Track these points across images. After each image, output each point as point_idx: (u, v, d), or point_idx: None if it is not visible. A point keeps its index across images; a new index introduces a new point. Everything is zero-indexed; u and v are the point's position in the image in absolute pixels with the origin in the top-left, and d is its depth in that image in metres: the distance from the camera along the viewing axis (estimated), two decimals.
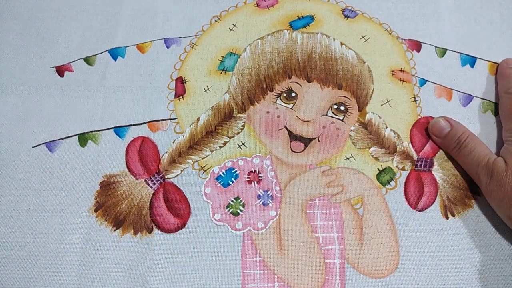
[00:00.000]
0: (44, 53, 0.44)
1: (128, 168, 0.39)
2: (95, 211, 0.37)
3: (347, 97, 0.42)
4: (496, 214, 0.36)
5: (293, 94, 0.42)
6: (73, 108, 0.42)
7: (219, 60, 0.44)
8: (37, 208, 0.37)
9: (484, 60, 0.45)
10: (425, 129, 0.41)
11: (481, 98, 0.42)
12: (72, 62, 0.44)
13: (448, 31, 0.46)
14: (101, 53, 0.44)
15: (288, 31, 0.45)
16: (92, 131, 0.41)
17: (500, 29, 0.46)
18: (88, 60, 0.44)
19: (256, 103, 0.42)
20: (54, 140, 0.40)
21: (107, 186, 0.38)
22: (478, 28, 0.46)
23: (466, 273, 0.35)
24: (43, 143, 0.40)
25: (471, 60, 0.45)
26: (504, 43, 0.45)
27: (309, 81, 0.42)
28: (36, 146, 0.40)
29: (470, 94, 0.43)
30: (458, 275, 0.35)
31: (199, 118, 0.41)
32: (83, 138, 0.40)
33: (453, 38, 0.46)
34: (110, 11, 0.46)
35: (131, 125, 0.41)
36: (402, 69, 0.44)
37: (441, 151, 0.40)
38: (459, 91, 0.43)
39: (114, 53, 0.44)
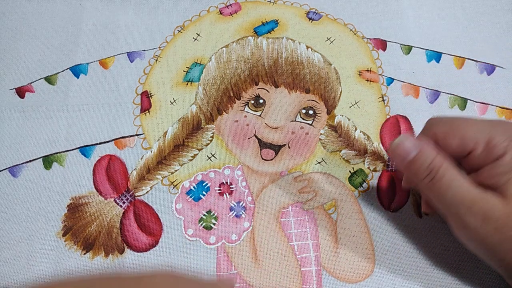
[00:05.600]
0: (3, 74, 0.43)
1: (96, 188, 0.38)
2: (64, 235, 0.36)
3: (315, 101, 0.41)
4: None
5: (261, 101, 0.41)
6: (36, 130, 0.40)
7: (184, 71, 0.43)
8: (2, 236, 0.36)
9: (449, 54, 0.45)
10: (395, 128, 0.41)
11: (448, 93, 0.43)
12: (33, 82, 0.42)
13: (413, 28, 0.46)
14: (63, 71, 0.43)
15: (253, 37, 0.44)
16: (57, 153, 0.39)
17: (463, 23, 0.47)
18: (49, 79, 0.43)
19: (224, 113, 0.41)
20: (17, 165, 0.39)
21: (75, 209, 0.37)
22: (442, 23, 0.47)
23: (442, 270, 0.35)
24: (6, 169, 0.38)
25: (436, 56, 0.45)
26: (468, 37, 0.46)
27: (276, 87, 0.42)
28: None
29: (437, 90, 0.43)
30: (434, 273, 0.35)
31: (166, 132, 0.40)
32: (48, 161, 0.39)
33: (417, 35, 0.46)
34: (69, 27, 0.45)
35: (97, 143, 0.40)
36: (369, 69, 0.44)
37: None
38: (426, 88, 0.43)
39: (76, 71, 0.43)
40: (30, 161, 0.39)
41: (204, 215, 0.37)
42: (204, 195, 0.38)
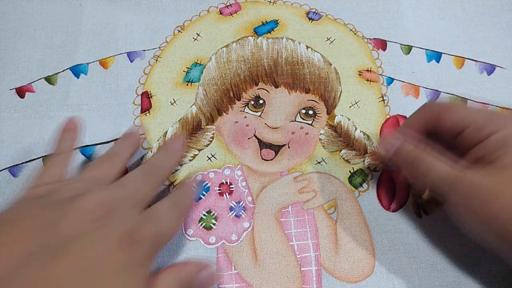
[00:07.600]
0: (3, 74, 0.43)
1: None
2: None
3: (315, 101, 0.41)
4: None
5: (261, 102, 0.41)
6: (36, 129, 0.40)
7: (184, 71, 0.43)
8: None
9: (449, 54, 0.45)
10: (395, 128, 0.41)
11: (448, 93, 0.43)
12: (33, 82, 0.42)
13: (413, 28, 0.46)
14: (63, 71, 0.43)
15: (253, 37, 0.44)
16: None
17: (463, 23, 0.47)
18: (49, 79, 0.43)
19: (224, 114, 0.41)
20: (17, 164, 0.39)
21: None
22: (442, 23, 0.47)
23: (441, 270, 0.35)
24: (6, 168, 0.39)
25: (436, 56, 0.45)
26: (468, 37, 0.46)
27: (276, 87, 0.42)
28: None
29: (437, 90, 0.43)
30: (434, 273, 0.35)
31: (166, 132, 0.40)
32: None
33: (417, 35, 0.46)
34: (69, 27, 0.45)
35: (97, 144, 0.40)
36: (369, 69, 0.44)
37: None
38: (426, 88, 0.43)
39: (76, 71, 0.43)
40: (30, 161, 0.39)
41: (204, 215, 0.37)
42: (204, 195, 0.38)
